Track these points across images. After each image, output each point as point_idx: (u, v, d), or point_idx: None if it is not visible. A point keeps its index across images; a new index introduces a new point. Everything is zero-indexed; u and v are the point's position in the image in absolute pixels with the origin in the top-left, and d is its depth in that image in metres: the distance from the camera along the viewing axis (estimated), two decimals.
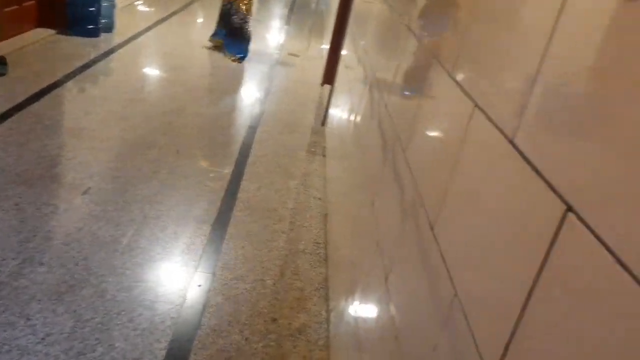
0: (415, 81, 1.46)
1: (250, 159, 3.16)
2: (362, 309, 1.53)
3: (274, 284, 2.15)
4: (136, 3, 6.67)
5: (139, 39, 5.28)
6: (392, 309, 1.16)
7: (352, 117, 2.58)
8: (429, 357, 0.88)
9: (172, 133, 3.32)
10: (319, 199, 2.86)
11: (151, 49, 5.23)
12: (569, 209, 0.56)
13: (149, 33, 5.59)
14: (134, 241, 2.23)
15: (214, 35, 5.30)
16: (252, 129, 3.62)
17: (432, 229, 0.98)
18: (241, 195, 2.76)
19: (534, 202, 0.63)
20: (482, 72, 0.92)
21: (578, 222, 0.53)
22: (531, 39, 0.73)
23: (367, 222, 1.64)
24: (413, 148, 1.27)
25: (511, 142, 0.72)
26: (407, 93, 1.54)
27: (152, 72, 4.66)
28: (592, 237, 0.51)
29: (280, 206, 2.73)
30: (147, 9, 6.70)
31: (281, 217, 2.63)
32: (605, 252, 0.48)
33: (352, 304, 1.68)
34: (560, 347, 0.53)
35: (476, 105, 0.89)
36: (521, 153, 0.69)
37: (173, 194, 2.64)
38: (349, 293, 1.74)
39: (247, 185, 2.86)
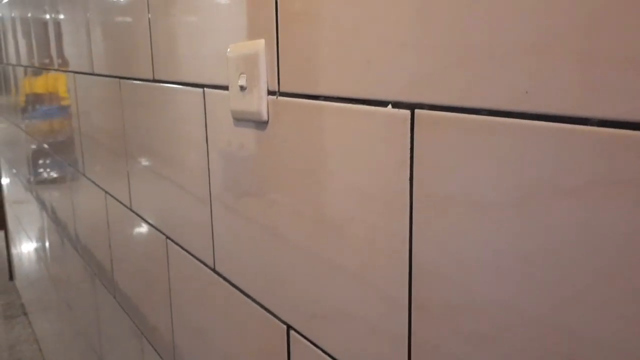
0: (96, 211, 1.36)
1: None
2: None
3: None
4: None
5: None
6: None
7: (44, 256, 2.27)
8: None
9: None
10: None
11: None
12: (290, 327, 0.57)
13: None
14: None
15: None
16: None
17: None
18: None
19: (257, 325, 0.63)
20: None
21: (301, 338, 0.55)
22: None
23: None
24: (123, 286, 1.17)
25: (214, 270, 0.72)
26: (93, 223, 1.42)
27: None
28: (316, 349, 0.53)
29: None
30: None
31: None
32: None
33: None
34: None
35: (168, 238, 0.86)
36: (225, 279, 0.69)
37: None
38: None
39: None
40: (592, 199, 0.29)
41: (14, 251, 3.19)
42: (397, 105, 0.40)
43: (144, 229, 0.96)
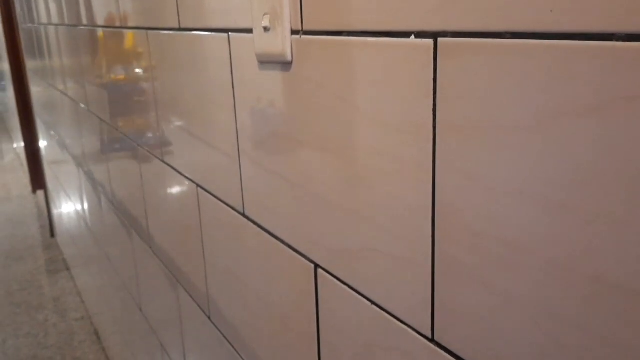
0: (130, 168, 1.39)
1: None
2: None
3: None
4: None
5: None
6: None
7: (83, 213, 2.35)
8: None
9: None
10: (82, 318, 2.54)
11: None
12: (317, 266, 0.59)
13: None
14: None
15: None
16: None
17: (209, 318, 0.95)
18: None
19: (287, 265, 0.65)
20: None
21: (328, 276, 0.57)
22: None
23: (138, 321, 1.51)
24: (157, 237, 1.21)
25: (243, 214, 0.74)
26: (130, 181, 1.46)
27: None
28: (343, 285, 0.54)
29: (38, 350, 2.33)
30: None
31: None
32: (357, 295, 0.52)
33: None
34: None
35: (199, 186, 0.89)
36: (257, 224, 0.70)
37: None
38: None
39: None
40: (616, 116, 0.29)
41: (54, 210, 3.32)
42: (420, 35, 0.39)
43: (175, 179, 0.99)
